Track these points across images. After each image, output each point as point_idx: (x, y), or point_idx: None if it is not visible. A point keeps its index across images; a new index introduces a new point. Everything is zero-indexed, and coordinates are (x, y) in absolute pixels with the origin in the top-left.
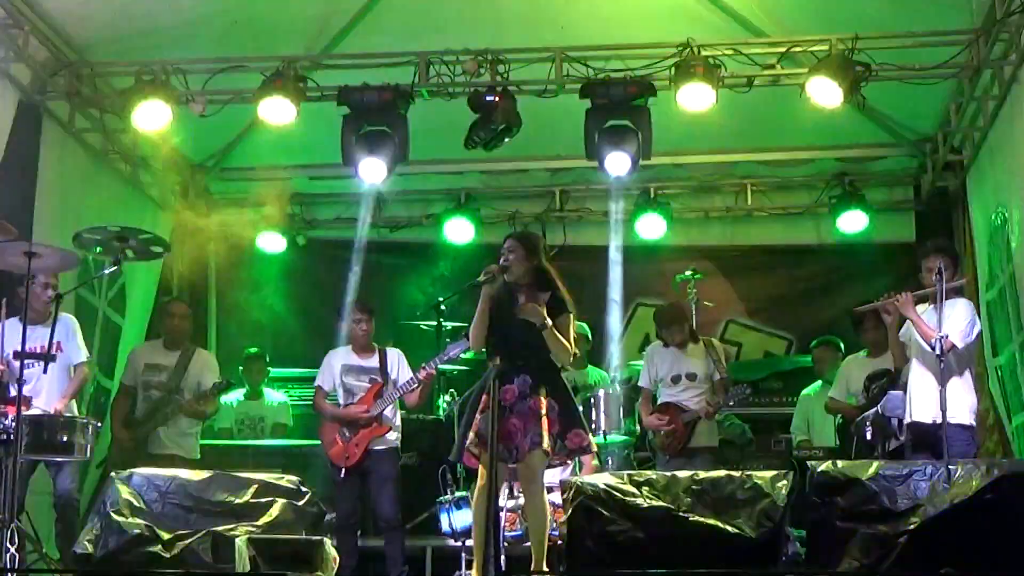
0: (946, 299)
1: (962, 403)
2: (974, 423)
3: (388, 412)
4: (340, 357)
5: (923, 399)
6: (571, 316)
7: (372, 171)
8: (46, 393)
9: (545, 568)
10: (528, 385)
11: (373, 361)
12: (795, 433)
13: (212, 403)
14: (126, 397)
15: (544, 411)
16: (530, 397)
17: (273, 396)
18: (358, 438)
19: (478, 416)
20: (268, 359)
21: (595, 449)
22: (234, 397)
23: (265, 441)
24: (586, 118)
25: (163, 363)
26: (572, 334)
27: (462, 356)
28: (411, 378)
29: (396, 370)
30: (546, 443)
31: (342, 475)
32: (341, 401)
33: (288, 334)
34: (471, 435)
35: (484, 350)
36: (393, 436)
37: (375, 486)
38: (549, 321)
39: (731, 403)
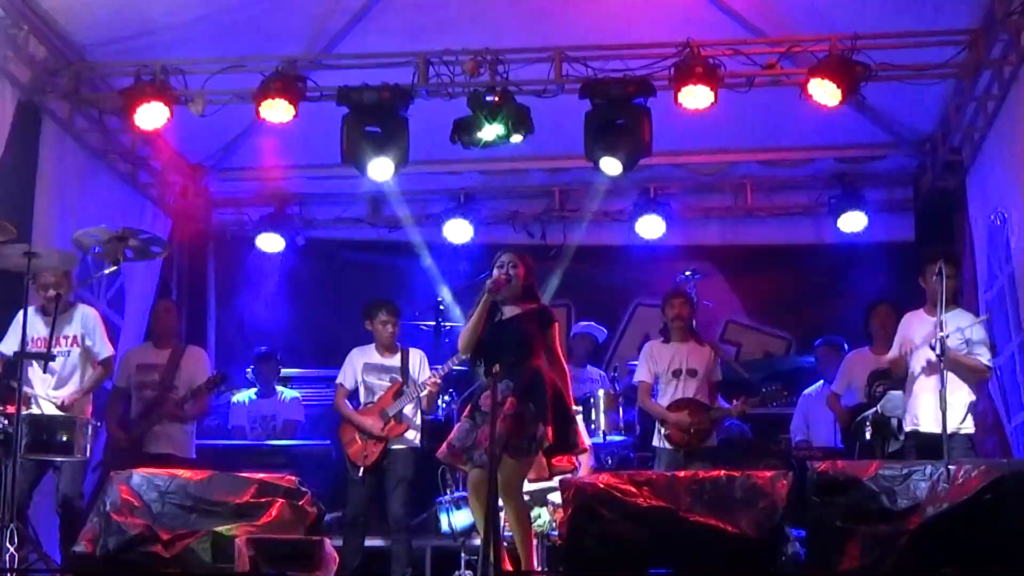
0: (955, 310)
1: (967, 411)
2: (974, 429)
3: (408, 411)
4: (363, 356)
5: (930, 409)
6: (557, 326)
7: (376, 171)
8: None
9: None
10: (509, 389)
11: (395, 361)
12: (794, 432)
13: (200, 403)
14: (120, 399)
15: (511, 412)
16: (507, 399)
17: (286, 394)
18: (376, 438)
19: (456, 425)
20: (279, 357)
21: (585, 448)
22: (246, 397)
23: (265, 441)
24: (586, 119)
25: (155, 362)
26: (559, 342)
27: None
28: (425, 380)
29: (417, 371)
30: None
31: (360, 474)
32: (361, 399)
33: (287, 334)
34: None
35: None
36: (412, 435)
37: (389, 485)
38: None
39: (774, 404)
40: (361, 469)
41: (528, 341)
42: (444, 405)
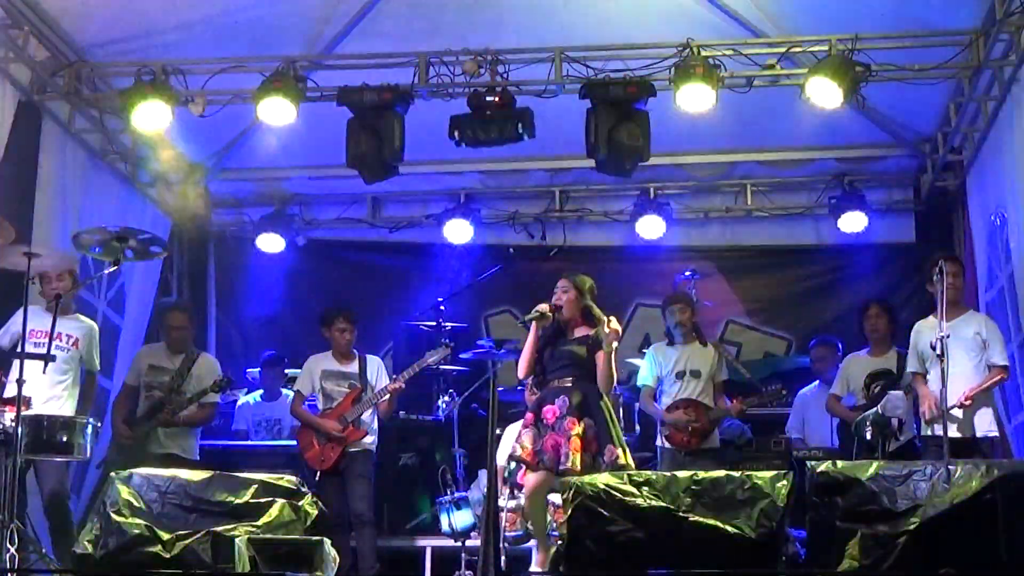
0: (967, 313)
1: (992, 416)
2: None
3: (366, 417)
4: (321, 363)
5: (955, 414)
6: (608, 350)
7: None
8: (46, 388)
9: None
10: (566, 406)
11: (353, 367)
12: (789, 432)
13: (205, 410)
14: (128, 397)
15: (576, 432)
16: (566, 418)
17: (290, 396)
18: (334, 442)
19: (522, 431)
20: (287, 361)
21: (626, 462)
22: (251, 400)
23: (268, 442)
24: (587, 119)
25: (167, 366)
26: (610, 366)
27: (460, 358)
28: (384, 387)
29: (375, 377)
30: (574, 463)
31: (317, 477)
32: (320, 406)
33: (287, 334)
34: (516, 444)
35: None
36: (369, 440)
37: (348, 483)
38: None
39: (773, 404)
40: (318, 473)
41: (576, 365)
42: (444, 406)
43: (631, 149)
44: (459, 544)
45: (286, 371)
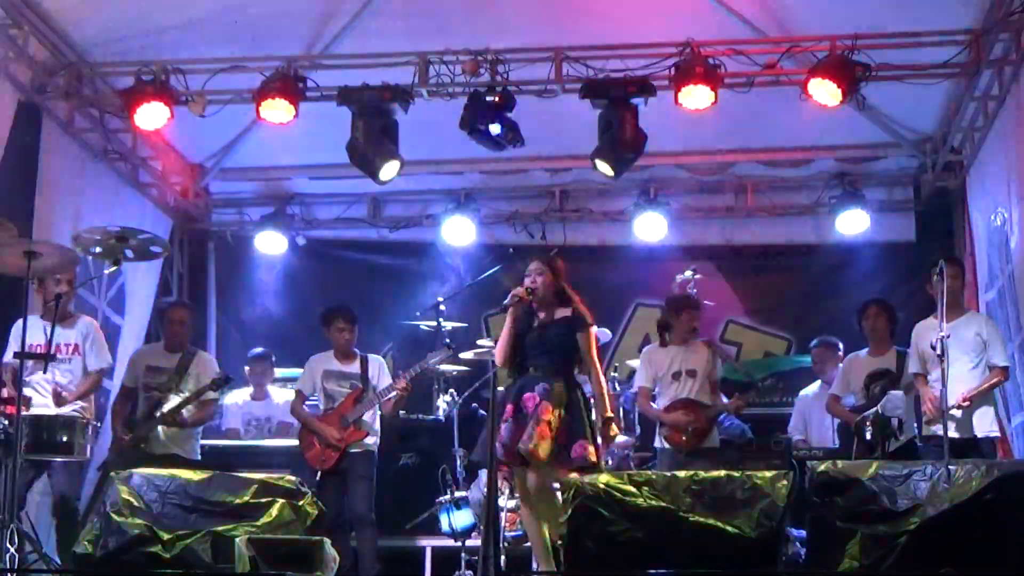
0: (967, 314)
1: (993, 416)
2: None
3: (367, 417)
4: (322, 363)
5: (968, 414)
6: (591, 331)
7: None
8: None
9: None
10: (544, 392)
11: (355, 367)
12: (792, 433)
13: (209, 407)
14: (126, 399)
15: (547, 418)
16: (542, 403)
17: (280, 395)
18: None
19: (502, 425)
20: (274, 359)
21: (596, 461)
22: (240, 398)
23: (267, 442)
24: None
25: (164, 365)
26: (593, 347)
27: (460, 358)
28: (389, 385)
29: (376, 377)
30: (536, 447)
31: (318, 478)
32: (321, 406)
33: (287, 334)
34: (498, 445)
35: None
36: (371, 440)
37: (349, 484)
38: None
39: (768, 397)
40: (319, 473)
41: (558, 348)
42: (446, 406)
43: (630, 150)
44: (459, 544)
45: (274, 369)
